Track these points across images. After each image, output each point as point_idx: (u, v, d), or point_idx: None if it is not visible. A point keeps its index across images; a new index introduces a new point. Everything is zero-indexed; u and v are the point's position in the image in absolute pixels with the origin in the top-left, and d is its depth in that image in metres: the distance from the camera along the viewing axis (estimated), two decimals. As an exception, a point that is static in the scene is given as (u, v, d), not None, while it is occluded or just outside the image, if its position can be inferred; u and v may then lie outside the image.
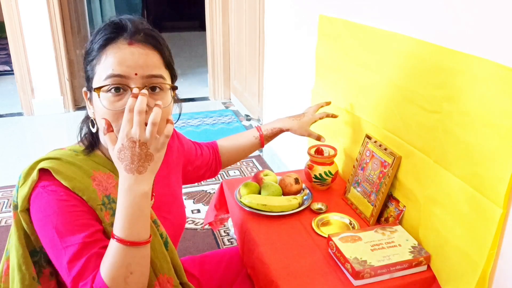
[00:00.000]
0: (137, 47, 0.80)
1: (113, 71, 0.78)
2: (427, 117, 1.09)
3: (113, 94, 0.78)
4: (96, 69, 0.81)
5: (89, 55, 0.83)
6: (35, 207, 0.80)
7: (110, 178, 0.86)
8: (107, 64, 0.79)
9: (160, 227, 0.92)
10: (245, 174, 2.56)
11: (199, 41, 4.83)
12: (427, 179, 1.10)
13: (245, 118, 3.45)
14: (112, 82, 0.78)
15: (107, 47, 0.80)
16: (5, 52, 5.28)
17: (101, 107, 0.79)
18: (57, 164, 0.81)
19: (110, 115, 0.78)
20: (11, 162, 2.74)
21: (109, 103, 0.78)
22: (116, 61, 0.78)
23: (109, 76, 0.78)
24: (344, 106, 1.50)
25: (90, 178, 0.83)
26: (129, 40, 0.80)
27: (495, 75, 0.88)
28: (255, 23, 3.00)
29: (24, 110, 3.52)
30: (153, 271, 0.88)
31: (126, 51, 0.79)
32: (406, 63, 1.17)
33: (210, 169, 1.26)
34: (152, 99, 0.80)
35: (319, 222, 1.25)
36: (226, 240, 1.94)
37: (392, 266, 1.02)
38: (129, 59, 0.79)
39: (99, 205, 0.81)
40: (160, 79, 0.82)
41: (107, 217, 0.82)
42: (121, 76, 0.78)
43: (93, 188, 0.82)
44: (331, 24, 1.56)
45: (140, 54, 0.80)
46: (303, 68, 1.96)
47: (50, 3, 3.31)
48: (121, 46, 0.79)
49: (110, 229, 0.81)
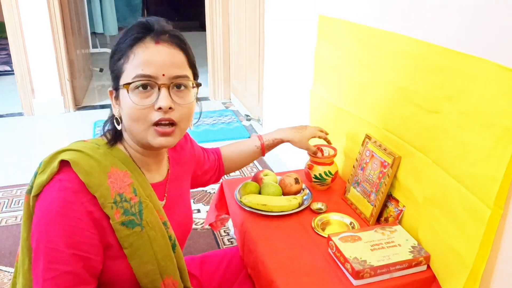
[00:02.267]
0: (163, 46, 0.84)
1: (142, 71, 0.82)
2: (427, 117, 1.09)
3: (141, 91, 0.83)
4: (125, 67, 0.84)
5: (116, 55, 0.86)
6: (43, 197, 0.81)
7: (126, 176, 0.87)
8: (135, 63, 0.82)
9: (170, 229, 0.93)
10: (245, 174, 2.56)
11: (199, 41, 4.84)
12: (426, 179, 1.10)
13: (245, 118, 3.44)
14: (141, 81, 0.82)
15: (134, 46, 0.83)
16: (5, 52, 5.28)
17: (129, 103, 0.82)
18: (77, 156, 0.83)
19: (138, 111, 0.83)
20: (11, 162, 2.74)
21: (137, 99, 0.82)
22: (145, 60, 0.82)
23: (138, 76, 0.82)
24: (343, 106, 1.50)
25: (106, 174, 0.84)
26: (156, 40, 0.84)
27: (494, 75, 0.88)
28: (255, 23, 3.00)
29: (24, 110, 3.52)
30: (159, 273, 0.89)
31: (153, 50, 0.83)
32: (405, 63, 1.17)
33: (215, 174, 1.27)
34: (177, 96, 0.85)
35: (319, 222, 1.25)
36: (226, 240, 1.94)
37: (392, 266, 1.02)
38: (157, 58, 0.83)
39: (110, 203, 0.82)
40: (186, 79, 0.86)
41: (117, 215, 0.83)
42: (150, 76, 0.82)
43: (107, 185, 0.83)
44: (331, 24, 1.56)
45: (167, 54, 0.84)
46: (303, 68, 1.96)
47: (50, 3, 3.31)
48: (149, 45, 0.83)
49: (118, 227, 0.83)
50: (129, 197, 0.85)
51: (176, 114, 0.85)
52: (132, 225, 0.85)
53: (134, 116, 0.83)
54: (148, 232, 0.87)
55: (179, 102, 0.85)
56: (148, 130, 0.84)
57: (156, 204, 0.91)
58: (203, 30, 4.06)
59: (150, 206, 0.89)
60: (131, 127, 0.86)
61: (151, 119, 0.83)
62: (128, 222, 0.84)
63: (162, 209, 0.93)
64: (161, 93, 0.83)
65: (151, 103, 0.83)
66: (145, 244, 0.86)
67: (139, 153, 0.92)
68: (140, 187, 0.88)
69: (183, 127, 0.88)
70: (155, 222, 0.89)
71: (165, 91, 0.83)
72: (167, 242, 0.91)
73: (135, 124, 0.84)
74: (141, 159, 0.92)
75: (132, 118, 0.84)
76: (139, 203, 0.86)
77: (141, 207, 0.86)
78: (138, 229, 0.85)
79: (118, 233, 0.83)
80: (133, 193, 0.86)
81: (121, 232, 0.83)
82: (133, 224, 0.85)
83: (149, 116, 0.83)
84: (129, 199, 0.85)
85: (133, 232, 0.84)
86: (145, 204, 0.87)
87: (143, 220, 0.86)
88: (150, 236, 0.87)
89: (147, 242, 0.87)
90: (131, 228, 0.84)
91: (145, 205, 0.87)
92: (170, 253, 0.92)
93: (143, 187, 0.89)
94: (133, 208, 0.85)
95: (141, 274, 0.87)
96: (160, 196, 0.96)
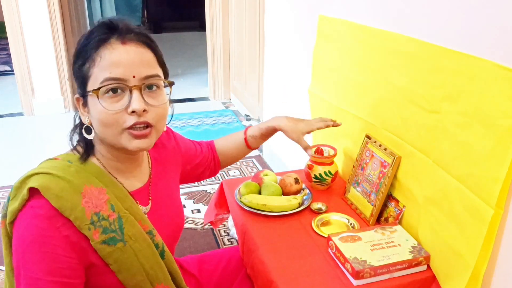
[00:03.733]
0: (130, 46, 0.80)
1: (110, 74, 0.78)
2: (427, 117, 1.09)
3: (111, 96, 0.79)
4: (91, 71, 0.80)
5: (79, 59, 0.82)
6: (17, 225, 0.79)
7: (101, 193, 0.83)
8: (103, 66, 0.78)
9: (156, 237, 0.91)
10: (245, 174, 2.56)
11: (199, 41, 4.84)
12: (426, 179, 1.10)
13: (245, 118, 3.45)
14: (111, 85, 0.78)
15: (99, 48, 0.79)
16: (5, 52, 5.28)
17: (100, 109, 0.79)
18: (47, 180, 0.79)
19: (110, 117, 0.79)
20: (11, 162, 2.74)
21: (107, 104, 0.79)
22: (112, 62, 0.78)
23: (107, 79, 0.78)
24: (343, 106, 1.50)
25: (80, 194, 0.80)
26: (122, 40, 0.80)
27: (494, 75, 0.88)
28: (255, 23, 3.00)
29: (24, 110, 3.52)
30: (149, 282, 0.88)
31: (121, 50, 0.79)
32: (405, 63, 1.17)
33: (209, 167, 1.24)
34: (150, 97, 0.81)
35: (319, 222, 1.25)
36: (226, 240, 1.94)
37: (392, 266, 1.02)
38: (125, 58, 0.79)
39: (87, 224, 0.79)
40: (157, 78, 0.83)
41: (96, 235, 0.80)
42: (120, 79, 0.78)
43: (82, 207, 0.79)
44: (331, 24, 1.56)
45: (135, 53, 0.80)
46: (303, 68, 1.96)
47: (50, 3, 3.31)
48: (115, 46, 0.79)
49: (99, 246, 0.81)
50: (107, 214, 0.82)
51: (151, 115, 0.81)
52: (114, 241, 0.82)
53: (106, 122, 0.79)
54: (131, 246, 0.85)
55: (152, 103, 0.81)
56: (122, 134, 0.81)
57: (138, 214, 0.89)
58: (203, 30, 4.06)
59: (131, 219, 0.86)
60: (104, 134, 0.82)
61: (125, 123, 0.80)
62: (109, 240, 0.82)
63: (145, 217, 0.90)
64: (133, 95, 0.79)
65: (123, 107, 0.79)
66: (130, 258, 0.85)
67: (114, 161, 0.88)
68: (118, 201, 0.85)
69: (159, 128, 0.85)
70: (138, 234, 0.86)
71: (137, 93, 0.79)
72: (154, 251, 0.89)
73: (108, 130, 0.81)
74: (117, 167, 0.89)
75: (104, 124, 0.80)
76: (118, 218, 0.84)
77: (120, 222, 0.84)
78: (121, 244, 0.83)
79: (100, 252, 0.81)
80: (110, 210, 0.83)
81: (103, 251, 0.81)
82: (115, 241, 0.83)
83: (122, 120, 0.79)
84: (107, 216, 0.82)
85: (116, 249, 0.83)
86: (125, 219, 0.85)
87: (125, 235, 0.84)
88: (134, 249, 0.85)
89: (132, 256, 0.85)
90: (113, 245, 0.82)
91: (125, 219, 0.85)
92: (159, 260, 0.90)
93: (121, 200, 0.86)
94: (113, 225, 0.83)
95: (131, 285, 0.86)
96: (144, 201, 0.94)
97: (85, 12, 4.62)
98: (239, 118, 3.49)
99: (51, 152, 0.93)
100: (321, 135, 1.67)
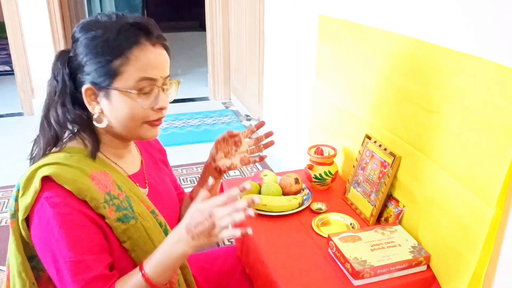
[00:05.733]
0: (159, 48, 0.86)
1: (147, 74, 0.84)
2: (427, 117, 1.09)
3: (143, 93, 0.85)
4: (124, 69, 0.82)
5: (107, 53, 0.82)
6: (37, 220, 0.80)
7: (106, 175, 0.87)
8: (138, 66, 0.83)
9: (159, 216, 0.95)
10: (245, 174, 2.56)
11: (199, 41, 4.84)
12: (426, 179, 1.10)
13: (245, 118, 3.45)
14: (145, 84, 0.84)
15: (133, 48, 0.82)
16: (5, 52, 5.28)
17: (132, 104, 0.84)
18: (56, 168, 0.81)
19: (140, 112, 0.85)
20: (11, 162, 2.74)
21: (142, 101, 0.85)
22: (147, 63, 0.83)
23: (142, 79, 0.83)
24: (344, 106, 1.50)
25: (89, 177, 0.83)
26: (152, 42, 0.85)
27: (494, 75, 0.88)
28: (255, 23, 3.00)
29: (24, 110, 3.52)
30: None
31: (154, 52, 0.85)
32: (406, 63, 1.17)
33: None
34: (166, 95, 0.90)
35: (319, 222, 1.25)
36: (226, 240, 1.94)
37: (392, 266, 1.02)
38: (157, 61, 0.85)
39: (102, 203, 0.82)
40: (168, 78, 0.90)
41: (112, 213, 0.83)
42: (152, 79, 0.85)
43: (94, 187, 0.83)
44: (331, 24, 1.56)
45: (161, 56, 0.86)
46: (302, 68, 1.96)
47: (50, 3, 3.31)
48: (147, 48, 0.84)
49: (115, 224, 0.84)
50: (117, 193, 0.86)
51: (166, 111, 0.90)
52: (127, 219, 0.86)
53: (136, 116, 0.85)
54: (142, 223, 0.88)
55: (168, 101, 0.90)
56: (142, 126, 0.88)
57: (140, 195, 0.93)
58: (203, 30, 4.06)
59: (135, 199, 0.90)
60: (124, 125, 0.87)
61: (148, 117, 0.87)
62: (123, 217, 0.85)
63: (146, 198, 0.95)
64: (161, 94, 0.87)
65: (152, 104, 0.86)
66: (143, 235, 0.88)
67: (113, 148, 0.93)
68: (121, 183, 0.90)
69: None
70: (145, 213, 0.91)
71: (163, 93, 0.87)
72: (159, 229, 0.93)
73: (132, 122, 0.86)
74: (115, 153, 0.94)
75: (132, 118, 0.86)
76: (126, 197, 0.88)
77: (129, 201, 0.88)
78: (133, 221, 0.87)
79: (116, 230, 0.84)
80: (118, 190, 0.87)
81: (118, 228, 0.84)
82: (128, 218, 0.86)
83: (146, 115, 0.86)
84: (117, 195, 0.86)
85: (129, 226, 0.86)
86: (132, 198, 0.89)
87: (135, 212, 0.88)
88: (145, 227, 0.89)
89: (143, 233, 0.88)
90: (127, 222, 0.85)
91: (132, 199, 0.89)
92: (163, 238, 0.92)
93: (123, 182, 0.90)
94: (123, 202, 0.87)
95: None
96: (142, 184, 0.99)
97: (85, 12, 4.62)
98: (239, 118, 3.49)
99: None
100: (321, 135, 1.67)
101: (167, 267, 0.82)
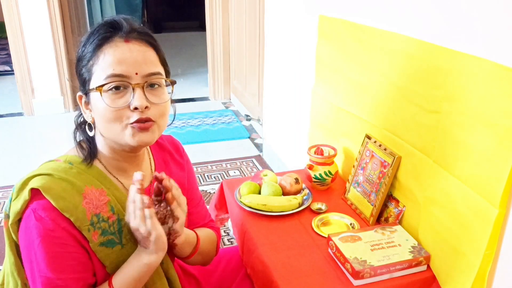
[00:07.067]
0: (134, 44, 0.81)
1: (113, 70, 0.79)
2: (427, 117, 1.09)
3: (114, 92, 0.80)
4: (94, 69, 0.81)
5: (84, 58, 0.83)
6: (23, 227, 0.80)
7: (102, 194, 0.84)
8: (106, 63, 0.79)
9: None
10: (245, 174, 2.56)
11: (199, 41, 4.84)
12: (426, 179, 1.10)
13: (245, 118, 3.44)
14: (113, 81, 0.79)
15: (103, 46, 0.80)
16: (5, 52, 5.27)
17: (103, 106, 0.80)
18: (48, 181, 0.79)
19: (113, 113, 0.80)
20: (11, 162, 2.74)
21: (110, 101, 0.80)
22: (116, 59, 0.79)
23: (109, 76, 0.79)
24: (344, 106, 1.50)
25: (81, 195, 0.81)
26: (125, 38, 0.81)
27: (494, 75, 0.88)
28: (255, 23, 3.00)
29: (24, 110, 3.52)
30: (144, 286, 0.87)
31: (124, 48, 0.80)
32: (405, 63, 1.17)
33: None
34: (152, 95, 0.82)
35: (319, 222, 1.25)
36: (226, 240, 1.94)
37: (392, 266, 1.02)
38: (128, 56, 0.80)
39: (87, 225, 0.80)
40: (159, 76, 0.84)
41: (95, 236, 0.81)
42: (122, 76, 0.79)
43: (83, 207, 0.80)
44: (331, 24, 1.56)
45: (138, 51, 0.81)
46: (302, 68, 1.96)
47: (50, 3, 3.31)
48: (118, 44, 0.80)
49: (97, 248, 0.82)
50: (107, 216, 0.83)
51: (153, 112, 0.82)
52: (112, 244, 0.83)
53: (110, 118, 0.80)
54: (129, 250, 0.85)
55: (154, 101, 0.82)
56: (125, 130, 0.81)
57: None
58: (203, 30, 4.06)
59: None
60: (107, 130, 0.82)
61: (127, 119, 0.80)
62: (107, 242, 0.83)
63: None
64: (136, 92, 0.80)
65: (126, 104, 0.80)
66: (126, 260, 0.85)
67: (115, 160, 0.89)
68: (119, 203, 0.86)
69: (161, 124, 0.85)
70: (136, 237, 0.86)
71: (140, 91, 0.80)
72: None
73: (111, 126, 0.81)
74: (118, 166, 0.89)
75: (108, 120, 0.81)
76: (117, 221, 0.84)
77: (120, 225, 0.84)
78: (118, 247, 0.84)
79: (98, 254, 0.82)
80: (110, 212, 0.83)
81: (101, 252, 0.82)
82: (113, 243, 0.83)
83: (125, 116, 0.80)
84: (107, 218, 0.83)
85: (113, 251, 0.83)
86: (123, 222, 0.85)
87: (123, 238, 0.85)
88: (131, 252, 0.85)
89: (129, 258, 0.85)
90: (111, 247, 0.83)
91: (124, 222, 0.85)
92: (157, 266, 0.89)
93: (121, 202, 0.86)
94: (112, 227, 0.83)
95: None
96: None
97: (85, 12, 4.62)
98: (239, 118, 3.49)
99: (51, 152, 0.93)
100: (321, 135, 1.67)
101: (134, 279, 0.81)
